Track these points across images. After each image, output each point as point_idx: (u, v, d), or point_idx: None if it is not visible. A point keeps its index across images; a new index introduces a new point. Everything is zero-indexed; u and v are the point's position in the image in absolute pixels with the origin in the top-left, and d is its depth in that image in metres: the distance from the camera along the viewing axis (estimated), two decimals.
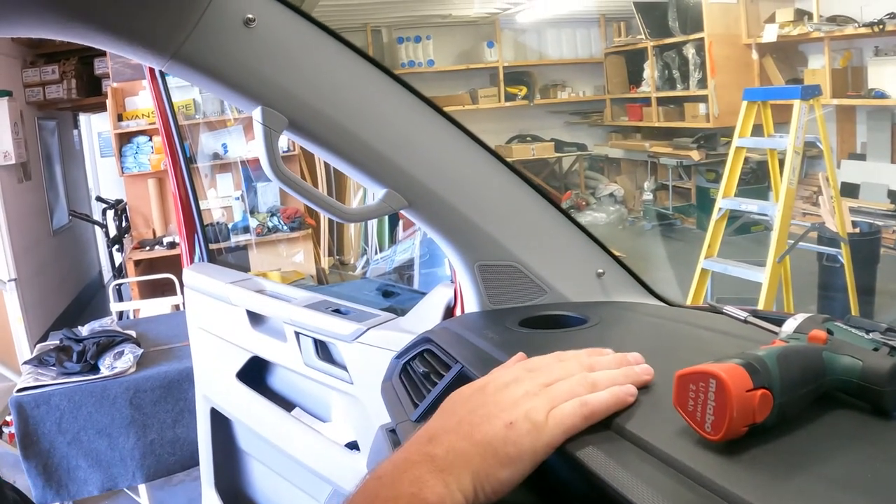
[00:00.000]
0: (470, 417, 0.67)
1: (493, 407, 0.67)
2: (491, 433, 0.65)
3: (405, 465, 0.64)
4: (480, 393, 0.71)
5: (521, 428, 0.66)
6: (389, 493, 0.62)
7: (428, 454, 0.64)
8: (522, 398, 0.68)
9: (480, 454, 0.64)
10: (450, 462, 0.64)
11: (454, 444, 0.65)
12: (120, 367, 2.97)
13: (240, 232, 5.82)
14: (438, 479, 0.62)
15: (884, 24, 6.16)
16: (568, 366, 0.74)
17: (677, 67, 8.92)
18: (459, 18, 9.45)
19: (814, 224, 5.09)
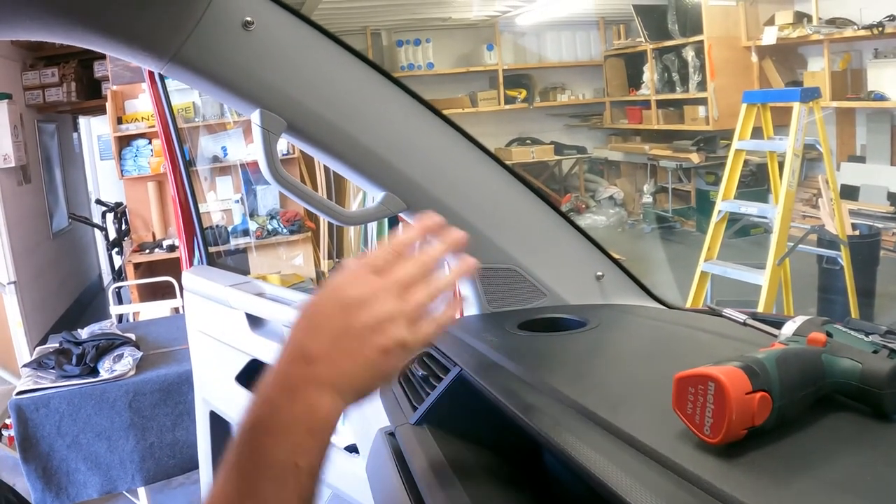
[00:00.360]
0: (349, 342, 0.73)
1: (364, 330, 0.73)
2: (369, 357, 0.73)
3: (294, 390, 0.70)
4: (345, 314, 0.74)
5: (394, 352, 0.74)
6: (288, 417, 0.68)
7: (314, 376, 0.70)
8: (388, 324, 0.74)
9: (361, 375, 0.72)
10: (335, 382, 0.71)
11: (338, 364, 0.72)
12: (119, 370, 2.97)
13: (239, 235, 5.81)
14: (328, 396, 0.70)
15: (883, 27, 6.16)
16: (410, 270, 0.79)
17: (677, 70, 8.93)
18: (459, 21, 9.45)
19: (813, 226, 5.09)
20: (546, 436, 0.76)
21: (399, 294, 0.76)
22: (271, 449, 0.67)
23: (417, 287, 0.78)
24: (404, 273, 0.78)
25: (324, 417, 0.70)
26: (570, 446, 0.72)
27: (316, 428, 0.69)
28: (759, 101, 4.56)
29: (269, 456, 0.67)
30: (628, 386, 0.89)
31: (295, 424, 0.68)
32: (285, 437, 0.68)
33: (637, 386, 0.88)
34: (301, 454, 0.67)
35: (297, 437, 0.68)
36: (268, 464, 0.67)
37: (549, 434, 0.76)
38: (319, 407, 0.69)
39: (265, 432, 0.68)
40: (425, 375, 1.14)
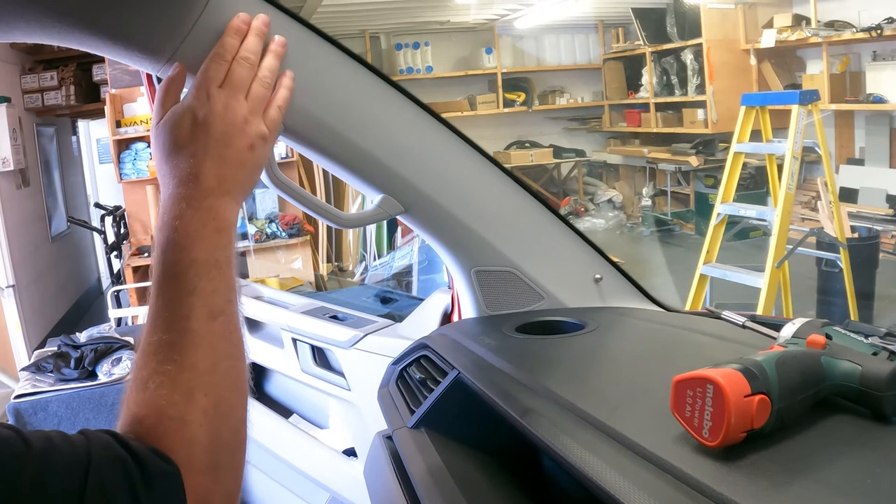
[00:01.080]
0: (219, 149, 0.84)
1: (229, 137, 0.85)
2: (241, 156, 0.85)
3: (193, 201, 0.80)
4: (206, 129, 0.85)
5: (258, 146, 0.88)
6: (196, 221, 0.79)
7: (206, 188, 0.81)
8: (245, 123, 0.87)
9: (239, 173, 0.85)
10: (226, 188, 0.83)
11: (221, 173, 0.83)
12: (118, 374, 2.96)
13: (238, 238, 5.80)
14: (223, 201, 0.82)
15: (882, 29, 6.17)
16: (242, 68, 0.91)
17: (675, 73, 8.94)
18: (458, 25, 9.47)
19: (812, 229, 5.09)
20: (544, 439, 0.76)
21: (242, 95, 0.88)
22: (194, 251, 0.78)
23: (253, 83, 0.90)
24: (238, 76, 0.89)
25: (224, 217, 0.81)
26: (567, 449, 0.71)
27: (222, 227, 0.81)
28: (757, 103, 4.56)
29: (193, 257, 0.77)
30: (627, 389, 0.89)
31: (204, 227, 0.79)
32: (202, 239, 0.79)
33: (635, 389, 0.88)
34: (218, 250, 0.79)
35: (210, 237, 0.79)
36: (194, 263, 0.77)
37: (546, 437, 0.76)
38: (219, 209, 0.81)
39: (183, 240, 0.78)
40: (423, 379, 1.13)
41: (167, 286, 0.76)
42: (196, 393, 0.71)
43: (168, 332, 0.74)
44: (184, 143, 0.84)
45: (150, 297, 0.77)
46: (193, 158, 0.83)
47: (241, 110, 0.87)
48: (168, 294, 0.76)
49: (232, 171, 0.84)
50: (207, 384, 0.73)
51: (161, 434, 0.68)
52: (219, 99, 0.86)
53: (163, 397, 0.70)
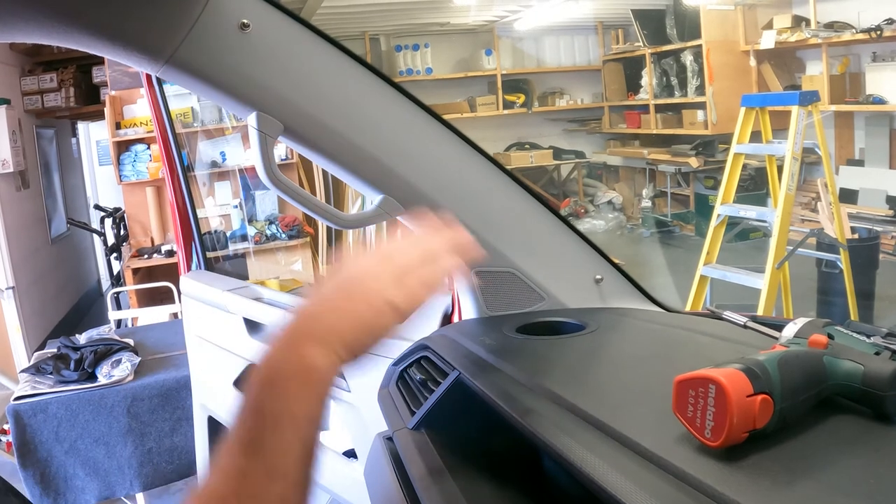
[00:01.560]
0: (344, 303, 0.80)
1: (361, 295, 0.81)
2: (363, 316, 0.79)
3: (288, 344, 0.76)
4: (348, 280, 0.83)
5: (386, 312, 0.80)
6: (285, 370, 0.73)
7: (305, 331, 0.77)
8: (384, 289, 0.82)
9: (352, 331, 0.78)
10: (329, 340, 0.76)
11: (332, 324, 0.78)
12: (117, 376, 2.96)
13: (238, 240, 5.80)
14: (320, 352, 0.75)
15: (881, 30, 6.17)
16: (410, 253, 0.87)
17: (675, 74, 8.94)
18: (457, 26, 9.47)
19: (812, 230, 5.09)
20: (545, 439, 0.75)
21: (398, 277, 0.83)
22: (269, 399, 0.71)
23: (413, 267, 0.85)
24: (403, 256, 0.85)
25: (317, 368, 0.74)
26: (568, 450, 0.71)
27: (311, 379, 0.74)
28: (757, 104, 4.56)
29: (267, 405, 0.71)
30: (628, 389, 0.89)
31: (289, 375, 0.73)
32: (281, 388, 0.72)
33: (636, 389, 0.88)
34: (297, 402, 0.72)
35: (292, 387, 0.72)
36: (266, 412, 0.70)
37: (547, 438, 0.75)
38: (311, 358, 0.74)
39: (263, 384, 0.73)
40: (423, 379, 1.13)
41: (235, 427, 0.71)
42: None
43: (220, 481, 0.68)
44: (317, 288, 0.83)
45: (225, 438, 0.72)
46: (312, 301, 0.81)
47: (382, 278, 0.82)
48: (231, 439, 0.70)
49: (341, 323, 0.78)
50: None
51: None
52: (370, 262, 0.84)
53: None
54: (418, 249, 0.87)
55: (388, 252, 0.85)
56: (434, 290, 0.85)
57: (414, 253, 0.86)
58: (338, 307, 0.80)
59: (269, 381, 0.73)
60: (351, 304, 0.80)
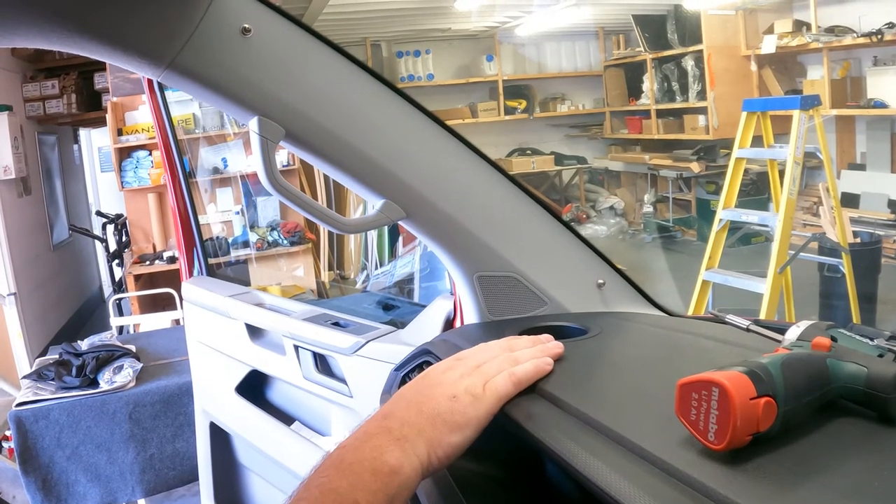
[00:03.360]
0: (418, 397, 0.80)
1: (436, 388, 0.81)
2: (438, 406, 0.78)
3: (366, 437, 0.75)
4: (423, 378, 0.84)
5: (464, 399, 0.79)
6: (354, 457, 0.73)
7: (385, 427, 0.76)
8: (460, 378, 0.82)
9: (430, 424, 0.77)
10: (405, 433, 0.75)
11: (407, 418, 0.77)
12: (119, 382, 2.96)
13: (240, 246, 5.81)
14: (396, 446, 0.74)
15: (882, 34, 6.18)
16: (492, 350, 0.89)
17: (676, 79, 8.94)
18: (459, 32, 9.48)
19: (814, 234, 5.09)
20: (547, 443, 0.75)
21: (476, 365, 0.84)
22: (335, 481, 0.71)
23: (490, 358, 0.86)
24: (485, 352, 0.87)
25: (390, 463, 0.73)
26: (571, 454, 0.71)
27: (381, 470, 0.72)
28: (759, 109, 4.56)
29: (332, 486, 0.71)
30: (630, 393, 0.88)
31: (359, 463, 0.72)
32: (350, 473, 0.72)
33: (639, 393, 0.87)
34: (362, 491, 0.70)
35: (361, 475, 0.71)
36: (329, 493, 0.70)
37: (550, 442, 0.75)
38: (386, 451, 0.73)
39: (333, 469, 0.72)
40: None
41: (297, 502, 0.71)
42: None
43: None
44: (403, 390, 0.83)
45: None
46: (395, 401, 0.81)
47: (461, 371, 0.84)
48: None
49: (421, 418, 0.78)
50: None
51: None
52: (451, 365, 0.85)
53: None
54: (496, 347, 0.89)
55: (463, 353, 0.87)
56: (514, 377, 0.84)
57: (490, 350, 0.88)
58: (416, 402, 0.79)
59: (339, 467, 0.72)
60: (428, 399, 0.79)
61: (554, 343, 0.95)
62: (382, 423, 0.77)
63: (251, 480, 2.20)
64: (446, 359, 0.86)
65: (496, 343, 0.91)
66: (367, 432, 0.76)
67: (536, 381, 0.87)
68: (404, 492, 0.73)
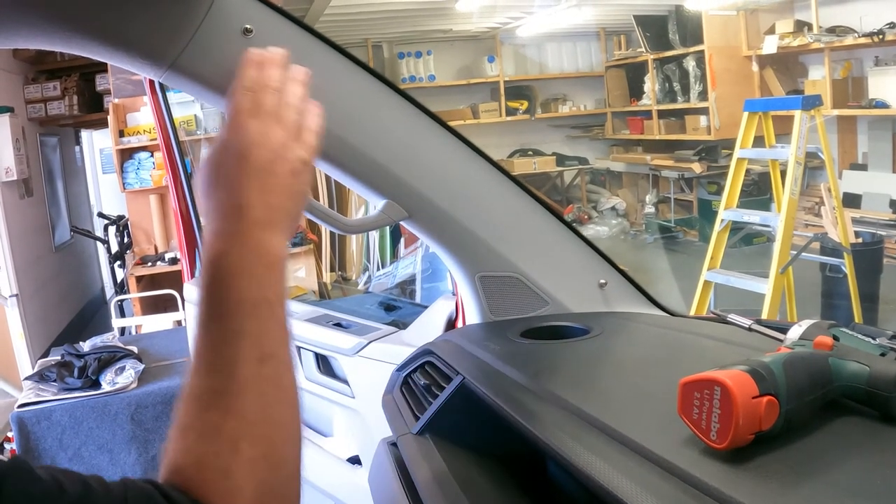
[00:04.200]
0: (260, 179, 0.78)
1: (270, 165, 0.79)
2: (285, 184, 0.79)
3: (240, 235, 0.74)
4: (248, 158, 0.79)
5: (300, 171, 0.80)
6: (245, 259, 0.73)
7: (253, 220, 0.75)
8: (282, 149, 0.80)
9: (286, 203, 0.78)
10: (270, 219, 0.76)
11: (265, 203, 0.76)
12: (121, 383, 2.96)
13: None
14: (268, 232, 0.75)
15: (883, 34, 6.17)
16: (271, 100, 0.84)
17: (678, 80, 8.94)
18: (460, 33, 9.48)
19: (816, 234, 5.08)
20: (549, 443, 0.75)
21: (274, 123, 0.81)
22: (242, 289, 0.71)
23: (283, 110, 0.83)
24: (268, 104, 0.83)
25: (274, 252, 0.75)
26: (573, 453, 0.71)
27: (272, 262, 0.74)
28: (760, 109, 4.56)
29: (241, 296, 0.71)
30: (632, 392, 0.88)
31: (253, 264, 0.73)
32: (250, 276, 0.72)
33: (641, 392, 0.87)
34: (268, 287, 0.73)
35: (260, 274, 0.73)
36: (243, 302, 0.71)
37: (552, 442, 0.75)
38: (268, 243, 0.74)
39: (231, 277, 0.72)
40: (427, 385, 1.13)
41: (212, 327, 0.70)
42: (242, 443, 0.66)
43: (212, 376, 0.68)
44: (225, 175, 0.79)
45: (195, 339, 0.72)
46: (236, 190, 0.78)
47: (277, 136, 0.81)
48: (213, 335, 0.70)
49: (277, 199, 0.78)
50: (255, 434, 0.67)
51: (202, 486, 0.63)
52: (253, 127, 0.81)
53: (205, 446, 0.65)
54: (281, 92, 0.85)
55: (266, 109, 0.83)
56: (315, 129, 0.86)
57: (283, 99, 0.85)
58: (264, 186, 0.78)
59: (235, 273, 0.72)
60: (273, 178, 0.79)
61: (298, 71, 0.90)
62: (248, 216, 0.75)
63: None
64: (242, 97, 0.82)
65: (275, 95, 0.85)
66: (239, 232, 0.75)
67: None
68: (285, 267, 0.77)
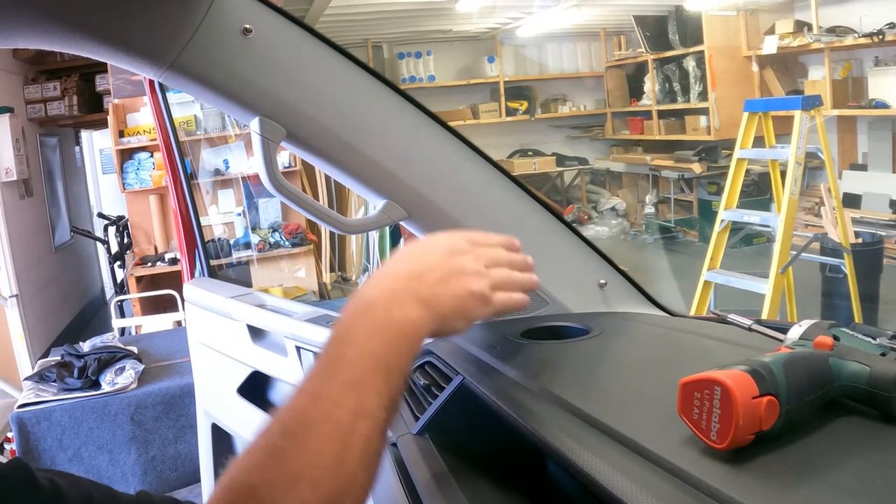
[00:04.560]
0: (444, 271, 0.82)
1: (459, 270, 0.83)
2: (459, 292, 0.81)
3: (395, 297, 0.77)
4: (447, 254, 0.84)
5: (478, 298, 0.82)
6: (386, 318, 0.75)
7: (413, 289, 0.78)
8: (475, 276, 0.83)
9: (450, 304, 0.80)
10: (429, 300, 0.78)
11: (434, 288, 0.79)
12: (121, 383, 2.96)
13: (241, 248, 5.80)
14: (421, 309, 0.77)
15: (883, 35, 6.17)
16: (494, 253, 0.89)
17: (678, 80, 8.94)
18: (460, 34, 9.48)
19: (816, 235, 5.08)
20: (549, 443, 0.75)
21: (486, 263, 0.86)
22: (370, 344, 0.72)
23: (499, 266, 0.88)
24: (490, 251, 0.88)
25: (416, 324, 0.76)
26: (573, 453, 0.71)
27: (409, 333, 0.75)
28: (760, 109, 4.56)
29: (367, 350, 0.72)
30: (632, 393, 0.88)
31: (391, 326, 0.74)
32: (383, 336, 0.73)
33: (641, 392, 0.87)
34: (394, 353, 0.73)
35: (393, 337, 0.74)
36: (368, 356, 0.71)
37: (552, 441, 0.75)
38: (414, 314, 0.76)
39: (364, 330, 0.74)
40: (427, 384, 1.13)
41: (328, 367, 0.71)
42: (302, 482, 0.62)
43: (308, 407, 0.68)
44: (422, 252, 0.84)
45: (309, 370, 0.72)
46: (420, 264, 0.82)
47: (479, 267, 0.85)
48: (326, 374, 0.70)
49: (444, 293, 0.80)
50: (321, 478, 0.63)
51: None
52: (467, 247, 0.86)
53: (264, 473, 0.63)
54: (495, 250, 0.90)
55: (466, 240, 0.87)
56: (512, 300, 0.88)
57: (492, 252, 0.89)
58: (442, 277, 0.81)
59: (370, 328, 0.74)
60: (454, 278, 0.81)
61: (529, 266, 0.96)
62: (411, 285, 0.78)
63: None
64: (454, 235, 0.87)
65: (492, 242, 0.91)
66: (396, 294, 0.77)
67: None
68: (419, 348, 0.77)
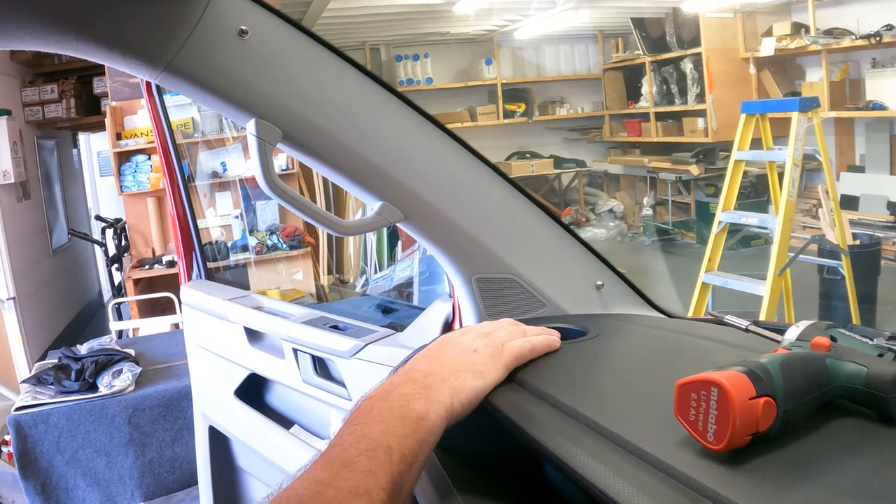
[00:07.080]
0: (439, 354, 0.86)
1: (456, 346, 0.87)
2: (460, 358, 0.84)
3: (392, 387, 0.80)
4: (441, 342, 0.90)
5: (484, 352, 0.86)
6: (383, 405, 0.77)
7: (410, 379, 0.81)
8: (476, 339, 0.89)
9: (453, 373, 0.82)
10: (429, 382, 0.80)
11: (430, 369, 0.82)
12: (118, 386, 2.96)
13: (239, 250, 5.80)
14: (422, 394, 0.79)
15: (881, 36, 6.18)
16: (501, 324, 0.96)
17: (675, 82, 8.95)
18: (457, 36, 9.49)
19: (814, 236, 5.09)
20: (547, 445, 0.75)
21: (489, 343, 0.90)
22: (367, 428, 0.75)
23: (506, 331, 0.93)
24: (493, 327, 0.93)
25: (417, 410, 0.77)
26: (570, 455, 0.70)
27: (409, 417, 0.76)
28: (757, 111, 4.57)
29: (364, 433, 0.74)
30: (629, 394, 0.88)
31: (389, 412, 0.76)
32: (379, 420, 0.76)
33: (638, 394, 0.87)
34: (393, 437, 0.74)
35: (391, 422, 0.75)
36: (362, 439, 0.73)
37: (549, 444, 0.75)
38: (413, 399, 0.78)
39: (363, 417, 0.76)
40: None
41: (331, 450, 0.74)
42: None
43: (303, 488, 0.70)
44: (425, 354, 0.88)
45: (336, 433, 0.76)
46: (415, 362, 0.86)
47: (477, 340, 0.90)
48: (327, 457, 0.73)
49: (444, 370, 0.83)
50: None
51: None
52: (467, 331, 0.91)
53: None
54: (504, 322, 0.97)
55: (473, 325, 0.95)
56: (529, 343, 0.93)
57: (499, 324, 0.95)
58: (433, 358, 0.85)
59: (368, 415, 0.76)
60: (447, 354, 0.85)
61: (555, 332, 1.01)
62: (407, 376, 0.81)
63: (250, 484, 2.20)
64: (459, 329, 0.92)
65: (503, 320, 0.99)
66: (392, 383, 0.80)
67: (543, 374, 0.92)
68: (431, 437, 0.77)
